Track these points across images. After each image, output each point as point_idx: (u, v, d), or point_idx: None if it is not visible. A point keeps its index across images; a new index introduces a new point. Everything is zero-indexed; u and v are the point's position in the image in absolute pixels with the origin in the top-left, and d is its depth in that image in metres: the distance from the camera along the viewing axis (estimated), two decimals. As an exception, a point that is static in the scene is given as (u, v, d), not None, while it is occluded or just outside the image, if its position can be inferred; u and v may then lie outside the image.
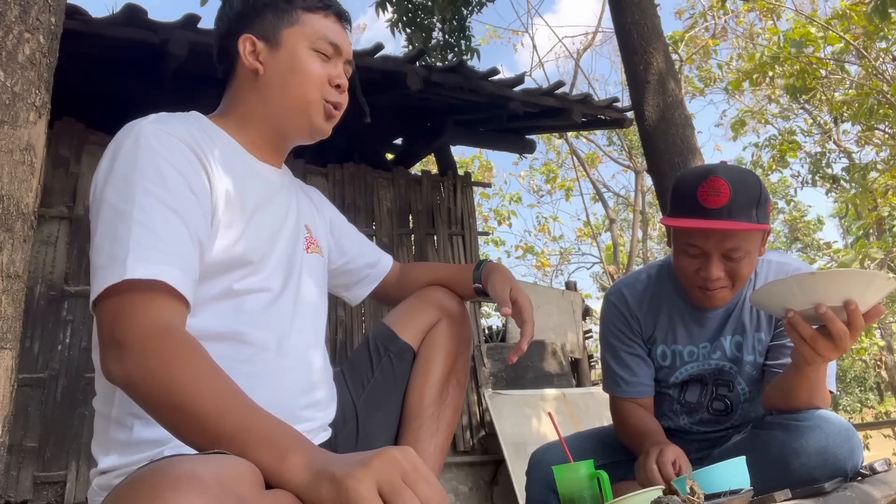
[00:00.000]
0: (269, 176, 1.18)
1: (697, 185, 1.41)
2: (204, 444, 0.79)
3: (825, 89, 9.69)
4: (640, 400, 1.65)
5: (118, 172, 0.95)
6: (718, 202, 1.38)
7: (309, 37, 1.15)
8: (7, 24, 1.17)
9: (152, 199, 0.93)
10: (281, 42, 1.15)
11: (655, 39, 4.02)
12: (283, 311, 1.11)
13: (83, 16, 3.24)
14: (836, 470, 1.30)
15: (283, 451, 0.75)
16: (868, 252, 7.14)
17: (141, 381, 0.82)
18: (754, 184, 1.43)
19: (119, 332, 0.85)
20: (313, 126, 1.17)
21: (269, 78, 1.14)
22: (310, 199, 1.34)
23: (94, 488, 0.99)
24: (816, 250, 18.28)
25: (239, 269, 1.05)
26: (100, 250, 0.91)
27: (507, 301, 1.29)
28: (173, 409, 0.80)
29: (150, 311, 0.87)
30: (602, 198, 16.19)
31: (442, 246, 4.78)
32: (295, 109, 1.15)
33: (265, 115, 1.15)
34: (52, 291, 3.45)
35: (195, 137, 1.04)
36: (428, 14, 5.44)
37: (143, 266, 0.87)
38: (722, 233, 1.40)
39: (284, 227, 1.17)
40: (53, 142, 3.57)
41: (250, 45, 1.15)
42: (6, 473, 3.02)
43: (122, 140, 0.99)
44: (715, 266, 1.43)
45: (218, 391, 0.81)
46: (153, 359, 0.82)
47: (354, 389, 1.33)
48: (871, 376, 20.20)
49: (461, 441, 4.29)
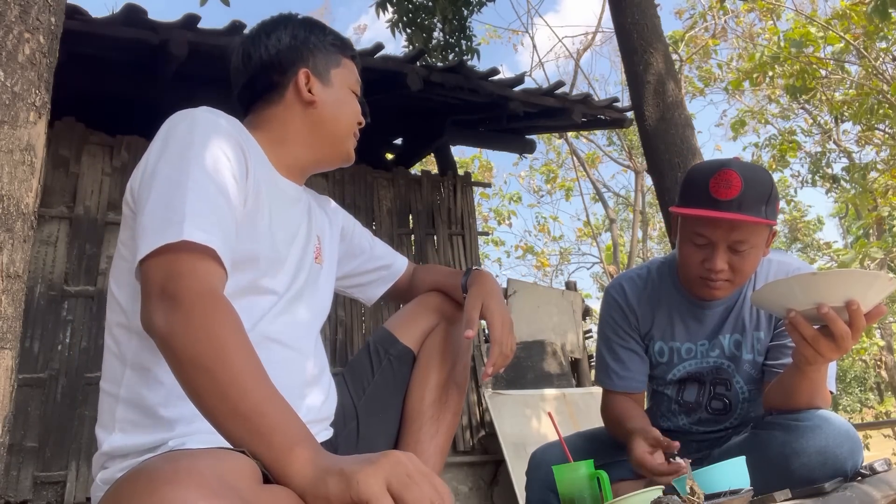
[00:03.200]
0: (289, 191, 1.24)
1: (710, 177, 1.42)
2: (219, 415, 0.81)
3: (825, 89, 9.69)
4: (631, 395, 1.66)
5: (173, 150, 1.01)
6: (730, 194, 1.39)
7: (348, 79, 1.32)
8: (7, 24, 1.17)
9: (205, 176, 0.98)
10: (332, 80, 1.28)
11: (655, 39, 4.02)
12: (286, 313, 1.13)
13: (83, 16, 3.24)
14: (836, 470, 1.30)
15: (291, 442, 0.76)
16: (868, 252, 7.14)
17: (182, 336, 0.84)
18: (766, 181, 1.44)
19: (172, 286, 0.88)
20: (348, 154, 1.31)
21: (321, 110, 1.26)
22: (324, 212, 1.39)
23: (97, 482, 1.00)
24: (816, 250, 18.29)
25: (251, 267, 1.08)
26: (152, 214, 0.95)
27: (474, 322, 1.27)
28: (203, 370, 0.82)
29: (203, 274, 0.91)
30: (602, 198, 16.19)
31: (442, 246, 4.78)
32: (339, 139, 1.29)
33: (311, 142, 1.26)
34: (52, 291, 3.45)
35: (239, 132, 1.12)
36: (428, 14, 5.44)
37: (198, 232, 0.92)
38: (730, 224, 1.40)
39: (298, 236, 1.22)
40: (53, 142, 3.57)
41: (306, 78, 1.25)
42: (6, 473, 3.02)
43: (176, 122, 1.06)
44: (720, 257, 1.44)
45: (246, 367, 0.83)
46: (198, 318, 0.85)
47: (355, 392, 1.35)
48: (871, 376, 20.21)
49: (461, 441, 4.30)
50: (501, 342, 1.25)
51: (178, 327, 0.85)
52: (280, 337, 1.11)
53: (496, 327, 1.26)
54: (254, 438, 0.77)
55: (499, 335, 1.25)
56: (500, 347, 1.25)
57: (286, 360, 1.11)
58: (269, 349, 1.07)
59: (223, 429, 0.81)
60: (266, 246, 1.10)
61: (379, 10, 5.59)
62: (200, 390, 0.82)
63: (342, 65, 1.31)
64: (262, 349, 1.05)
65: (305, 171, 1.30)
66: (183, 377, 0.84)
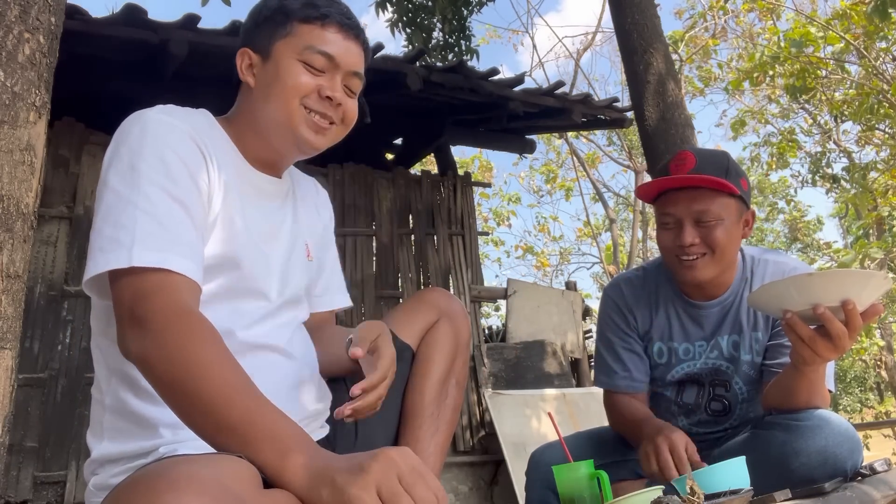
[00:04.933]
0: (264, 185, 1.18)
1: (669, 161, 1.52)
2: (208, 430, 0.80)
3: (825, 89, 9.68)
4: (634, 395, 1.66)
5: (124, 159, 0.97)
6: (685, 169, 1.47)
7: (296, 47, 1.11)
8: (7, 24, 1.17)
9: (157, 189, 0.94)
10: (271, 54, 1.12)
11: (655, 40, 4.02)
12: (274, 316, 1.12)
13: (83, 16, 3.25)
14: (836, 470, 1.30)
15: (284, 450, 0.76)
16: (868, 252, 7.13)
17: (157, 359, 0.83)
18: (722, 156, 1.53)
19: (139, 309, 0.86)
20: (299, 139, 1.12)
21: (257, 91, 1.13)
22: (314, 205, 1.34)
23: (90, 489, 0.99)
24: (816, 250, 18.27)
25: (230, 269, 1.05)
26: (101, 233, 0.92)
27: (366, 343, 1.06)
28: (184, 391, 0.81)
29: (171, 291, 0.88)
30: (602, 198, 16.19)
31: (442, 246, 4.78)
32: (277, 121, 1.11)
33: (256, 129, 1.14)
34: (52, 291, 3.45)
35: (199, 132, 1.04)
36: (428, 14, 5.44)
37: (149, 253, 0.89)
38: (689, 195, 1.46)
39: (280, 232, 1.17)
40: (53, 142, 3.57)
41: (247, 58, 1.15)
42: (6, 473, 3.02)
43: (128, 128, 1.01)
44: (688, 232, 1.47)
45: (228, 379, 0.82)
46: (171, 339, 0.83)
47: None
48: (871, 376, 20.18)
49: (461, 441, 4.30)
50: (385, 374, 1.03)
51: (152, 351, 0.83)
52: (266, 341, 1.09)
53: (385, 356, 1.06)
54: (246, 449, 0.76)
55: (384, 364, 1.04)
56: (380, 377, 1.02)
57: (274, 364, 1.09)
58: (254, 355, 1.05)
59: (215, 443, 0.81)
60: (241, 246, 1.06)
61: (378, 10, 5.59)
62: (186, 409, 0.82)
63: (291, 33, 1.12)
64: (248, 356, 1.03)
65: (275, 163, 1.19)
66: (166, 398, 0.84)
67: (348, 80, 1.16)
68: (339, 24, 1.14)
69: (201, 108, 1.16)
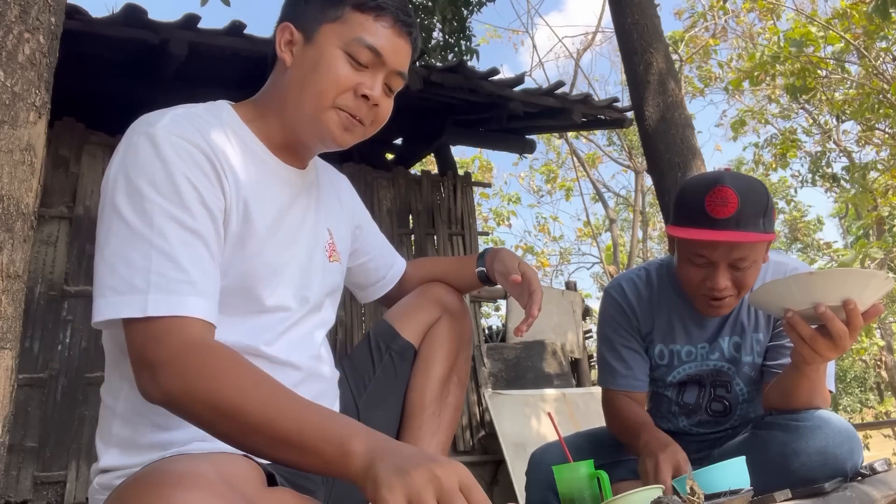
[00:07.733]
0: (290, 178, 1.12)
1: (705, 195, 1.38)
2: (263, 447, 0.79)
3: (825, 89, 9.68)
4: (634, 394, 1.65)
5: (133, 182, 0.91)
6: (727, 212, 1.36)
7: (343, 36, 1.03)
8: (7, 24, 1.17)
9: (172, 223, 0.90)
10: (316, 37, 1.04)
11: (655, 40, 4.02)
12: (297, 327, 1.11)
13: (83, 16, 3.25)
14: (836, 470, 1.30)
15: (341, 444, 0.75)
16: (868, 252, 7.13)
17: (184, 398, 0.81)
18: (762, 192, 1.41)
19: (151, 353, 0.84)
20: (326, 135, 1.06)
21: (293, 72, 1.05)
22: (337, 198, 1.28)
23: (94, 486, 0.99)
24: (816, 250, 18.28)
25: (249, 286, 1.03)
26: (113, 270, 0.88)
27: (517, 270, 1.30)
28: (223, 419, 0.79)
29: (181, 332, 0.85)
30: (602, 198, 16.19)
31: (442, 246, 4.78)
32: (306, 113, 1.04)
33: (283, 114, 1.07)
34: (52, 291, 3.45)
35: (211, 143, 0.98)
36: (428, 14, 5.43)
37: (164, 300, 0.86)
38: (730, 243, 1.38)
39: (300, 238, 1.12)
40: (53, 142, 3.57)
41: (287, 34, 1.06)
42: (6, 473, 3.01)
43: (137, 145, 0.94)
44: (722, 276, 1.41)
45: (263, 397, 0.80)
46: (191, 375, 0.81)
47: (356, 388, 1.32)
48: (871, 376, 20.19)
49: (461, 441, 4.30)
50: (542, 290, 1.28)
51: (176, 392, 0.81)
52: (289, 358, 1.07)
53: (534, 279, 1.29)
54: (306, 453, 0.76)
55: (537, 284, 1.28)
56: (541, 295, 1.28)
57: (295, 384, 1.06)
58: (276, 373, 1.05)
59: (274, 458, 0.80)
60: (259, 264, 1.03)
61: (379, 10, 5.57)
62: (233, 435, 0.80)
63: (341, 18, 1.04)
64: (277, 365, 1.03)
65: (296, 151, 1.12)
66: (208, 431, 0.82)
67: (391, 79, 1.09)
68: (394, 19, 1.07)
69: (217, 101, 1.10)
